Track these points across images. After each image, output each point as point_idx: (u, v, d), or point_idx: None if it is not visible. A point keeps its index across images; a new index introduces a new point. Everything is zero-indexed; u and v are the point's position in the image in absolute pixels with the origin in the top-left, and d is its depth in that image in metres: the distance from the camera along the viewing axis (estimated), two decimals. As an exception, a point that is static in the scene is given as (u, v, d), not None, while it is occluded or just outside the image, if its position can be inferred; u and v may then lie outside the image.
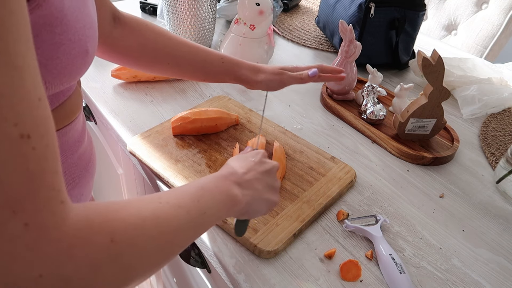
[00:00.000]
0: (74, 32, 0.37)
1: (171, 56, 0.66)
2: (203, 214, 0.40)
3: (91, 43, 0.41)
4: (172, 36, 0.66)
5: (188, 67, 0.67)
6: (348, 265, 0.56)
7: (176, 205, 0.37)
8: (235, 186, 0.46)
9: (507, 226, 0.67)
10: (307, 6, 1.47)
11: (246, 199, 0.46)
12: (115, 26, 0.64)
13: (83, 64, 0.41)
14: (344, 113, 0.88)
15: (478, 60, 1.06)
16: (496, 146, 0.84)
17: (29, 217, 0.24)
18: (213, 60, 0.66)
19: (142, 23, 0.66)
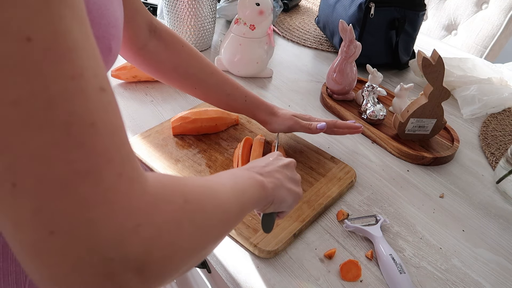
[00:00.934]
0: (98, 29, 0.37)
1: (199, 83, 0.69)
2: (243, 193, 0.40)
3: (115, 42, 0.41)
4: (204, 64, 0.69)
5: (213, 96, 0.71)
6: (348, 265, 0.56)
7: (219, 182, 0.38)
8: (258, 175, 0.46)
9: (507, 226, 0.67)
10: (307, 6, 1.47)
11: (271, 186, 0.47)
12: (151, 38, 0.65)
13: (106, 62, 0.40)
14: (344, 113, 0.88)
15: (478, 60, 1.06)
16: (496, 146, 0.84)
17: (121, 167, 0.24)
18: (237, 97, 0.70)
19: (178, 42, 0.67)
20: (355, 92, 0.94)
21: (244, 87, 0.71)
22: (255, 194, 0.43)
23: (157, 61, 0.66)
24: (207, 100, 0.72)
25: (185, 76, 0.68)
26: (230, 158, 0.72)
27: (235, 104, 0.71)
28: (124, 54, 0.66)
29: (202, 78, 0.68)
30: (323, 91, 0.94)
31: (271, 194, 0.47)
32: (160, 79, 0.70)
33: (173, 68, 0.67)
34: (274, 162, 0.52)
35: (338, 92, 0.91)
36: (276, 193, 0.48)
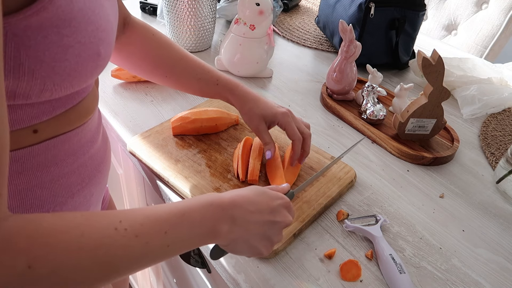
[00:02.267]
0: (85, 35, 0.37)
1: (169, 69, 0.67)
2: (166, 247, 0.38)
3: (105, 46, 0.40)
4: (174, 50, 0.67)
5: (184, 82, 0.69)
6: (348, 265, 0.56)
7: (134, 234, 0.36)
8: (226, 222, 0.43)
9: (507, 226, 0.67)
10: (307, 6, 1.47)
11: (232, 236, 0.44)
12: (124, 31, 0.65)
13: (95, 67, 0.40)
14: (344, 113, 0.88)
15: (478, 60, 1.06)
16: (496, 146, 0.84)
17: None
18: (208, 80, 0.68)
19: (148, 32, 0.67)
20: (355, 92, 0.94)
21: (218, 71, 0.68)
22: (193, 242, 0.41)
23: (127, 52, 0.66)
24: (180, 88, 0.70)
25: (154, 65, 0.67)
26: (230, 158, 0.72)
27: (207, 89, 0.68)
28: None
29: (171, 65, 0.67)
30: (323, 91, 0.94)
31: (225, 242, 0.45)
32: (132, 70, 0.70)
33: (143, 58, 0.67)
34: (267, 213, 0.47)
35: (338, 92, 0.91)
36: (234, 243, 0.45)
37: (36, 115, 0.40)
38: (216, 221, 0.43)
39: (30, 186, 0.43)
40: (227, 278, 0.58)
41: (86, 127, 0.48)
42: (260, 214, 0.46)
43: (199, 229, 0.41)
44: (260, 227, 0.46)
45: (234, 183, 0.67)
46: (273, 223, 0.47)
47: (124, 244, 0.35)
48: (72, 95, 0.43)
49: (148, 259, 0.38)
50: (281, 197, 0.50)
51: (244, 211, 0.45)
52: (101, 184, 0.55)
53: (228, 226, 0.43)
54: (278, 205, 0.49)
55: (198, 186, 0.65)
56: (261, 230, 0.46)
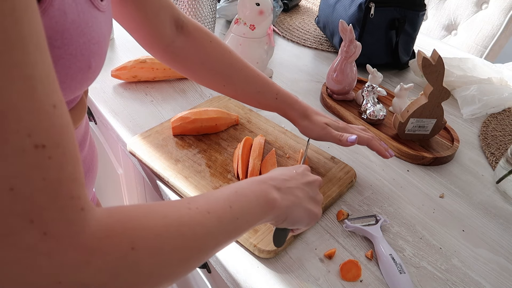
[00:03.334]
0: (76, 47, 0.36)
1: (228, 80, 0.66)
2: (236, 219, 0.39)
3: (96, 59, 0.40)
4: (233, 59, 0.66)
5: (242, 93, 0.67)
6: (348, 265, 0.56)
7: (205, 210, 0.37)
8: (273, 190, 0.45)
9: (507, 226, 0.67)
10: (307, 6, 1.47)
11: (286, 203, 0.45)
12: (178, 34, 0.63)
13: (85, 79, 0.40)
14: (344, 113, 0.88)
15: (478, 60, 1.06)
16: (496, 146, 0.84)
17: (47, 226, 0.24)
18: (267, 94, 0.67)
19: (206, 37, 0.65)
20: (355, 92, 0.94)
21: (276, 84, 0.67)
22: (257, 215, 0.42)
23: (184, 57, 0.64)
24: (237, 98, 0.68)
25: (213, 73, 0.65)
26: (230, 158, 0.72)
27: (265, 102, 0.67)
28: (152, 51, 0.65)
29: (231, 75, 0.65)
30: (323, 91, 0.94)
31: (283, 212, 0.45)
32: (189, 76, 0.68)
33: (200, 65, 0.65)
34: (299, 177, 0.50)
35: (338, 92, 0.91)
36: (291, 211, 0.46)
37: None
38: (265, 191, 0.44)
39: None
40: (227, 278, 0.58)
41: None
42: (294, 179, 0.49)
43: (256, 201, 0.42)
44: (302, 189, 0.49)
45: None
46: (308, 183, 0.51)
47: (201, 220, 0.36)
48: None
49: (225, 234, 0.38)
50: (299, 166, 0.53)
51: (281, 180, 0.47)
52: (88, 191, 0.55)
53: (276, 193, 0.45)
54: (302, 169, 0.52)
55: (198, 186, 0.65)
56: (305, 191, 0.49)
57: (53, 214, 0.25)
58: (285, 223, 0.48)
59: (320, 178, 0.53)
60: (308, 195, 0.50)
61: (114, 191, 1.13)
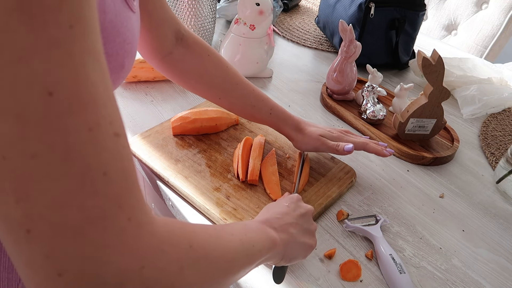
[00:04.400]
0: (113, 46, 0.37)
1: (223, 93, 0.67)
2: (252, 246, 0.40)
3: (129, 58, 0.40)
4: (230, 74, 0.67)
5: (237, 107, 0.69)
6: (348, 265, 0.56)
7: (229, 232, 0.38)
8: (271, 230, 0.46)
9: (507, 226, 0.67)
10: (307, 6, 1.47)
11: (283, 241, 0.47)
12: (177, 46, 0.64)
13: (118, 78, 0.40)
14: (344, 113, 0.88)
15: (478, 60, 1.06)
16: (496, 146, 0.84)
17: (131, 212, 0.26)
18: (262, 109, 0.68)
19: (204, 51, 0.66)
20: (355, 92, 0.94)
21: (270, 99, 0.69)
22: (265, 248, 0.43)
23: (181, 69, 0.66)
24: (232, 110, 0.70)
25: (209, 86, 0.67)
26: (230, 158, 0.72)
27: (259, 116, 0.69)
28: (149, 60, 0.66)
29: (227, 89, 0.67)
30: (323, 91, 0.94)
31: (281, 250, 0.46)
32: (185, 87, 0.69)
33: (197, 78, 0.66)
34: (291, 211, 0.51)
35: (338, 92, 0.91)
36: (287, 249, 0.47)
37: None
38: (266, 231, 0.45)
39: None
40: (227, 278, 0.58)
41: None
42: (287, 215, 0.50)
43: (262, 235, 0.44)
44: (295, 224, 0.50)
45: (234, 183, 0.67)
46: (301, 216, 0.51)
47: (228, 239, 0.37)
48: None
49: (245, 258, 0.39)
50: (290, 197, 0.54)
51: (276, 219, 0.48)
52: None
53: (274, 233, 0.46)
54: (294, 202, 0.53)
55: (198, 186, 0.65)
56: (298, 226, 0.50)
57: (134, 202, 0.26)
58: (282, 261, 0.49)
59: (311, 208, 0.54)
60: (302, 228, 0.50)
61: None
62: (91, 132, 0.23)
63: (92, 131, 0.23)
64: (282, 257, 0.47)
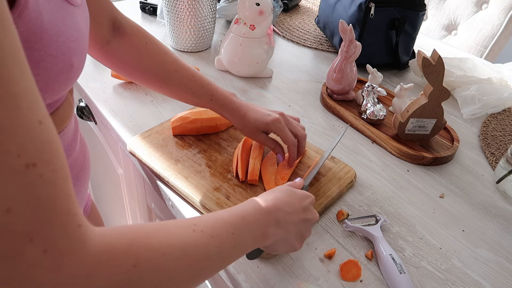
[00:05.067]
0: (56, 47, 0.35)
1: (163, 81, 0.66)
2: (234, 247, 0.40)
3: (77, 57, 0.39)
4: (168, 61, 0.65)
5: (178, 94, 0.68)
6: (348, 265, 0.56)
7: (209, 234, 0.37)
8: (273, 225, 0.46)
9: (507, 226, 0.67)
10: (307, 6, 1.47)
11: (275, 238, 0.47)
12: (114, 35, 0.63)
13: (68, 79, 0.39)
14: (344, 113, 0.88)
15: (478, 60, 1.06)
16: (496, 146, 0.84)
17: (47, 244, 0.24)
18: (202, 96, 0.66)
19: (142, 39, 0.65)
20: (355, 92, 0.94)
21: (213, 84, 0.67)
22: (250, 245, 0.43)
23: (119, 58, 0.64)
24: (175, 98, 0.69)
25: (147, 74, 0.66)
26: (230, 158, 0.72)
27: (201, 103, 0.67)
28: (88, 51, 0.64)
29: (165, 77, 0.65)
30: (323, 91, 0.94)
31: (269, 243, 0.47)
32: (126, 76, 0.68)
33: (135, 66, 0.65)
34: (300, 211, 0.50)
35: (338, 92, 0.91)
36: (275, 243, 0.48)
37: None
38: (266, 225, 0.45)
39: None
40: (227, 278, 0.58)
41: (62, 136, 0.46)
42: (296, 214, 0.50)
43: (255, 231, 0.44)
44: (296, 226, 0.50)
45: (234, 183, 0.67)
46: (305, 221, 0.51)
47: (204, 243, 0.36)
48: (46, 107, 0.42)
49: (222, 260, 0.39)
50: (308, 195, 0.53)
51: (284, 213, 0.48)
52: (81, 193, 0.54)
53: (273, 228, 0.46)
54: (308, 203, 0.52)
55: (198, 186, 0.65)
56: (297, 229, 0.50)
57: (52, 231, 0.25)
58: (264, 248, 0.49)
59: (317, 217, 0.54)
60: (299, 231, 0.50)
61: (114, 191, 1.13)
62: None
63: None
64: (266, 247, 0.48)
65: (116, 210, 1.19)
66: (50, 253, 0.25)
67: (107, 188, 1.23)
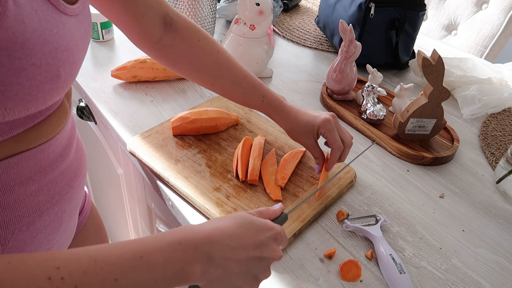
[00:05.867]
0: (40, 57, 0.34)
1: (215, 78, 0.65)
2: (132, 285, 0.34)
3: (66, 67, 0.37)
4: (222, 59, 0.65)
5: (229, 93, 0.67)
6: (348, 265, 0.56)
7: (72, 284, 0.32)
8: (200, 261, 0.38)
9: (507, 226, 0.67)
10: (307, 6, 1.47)
11: (209, 277, 0.39)
12: (166, 32, 0.62)
13: (55, 89, 0.37)
14: (344, 113, 0.88)
15: (478, 60, 1.06)
16: (496, 146, 0.84)
17: None
18: (254, 96, 0.66)
19: (195, 36, 0.64)
20: (355, 92, 0.94)
21: (264, 86, 0.66)
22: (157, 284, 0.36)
23: (172, 55, 0.64)
24: (225, 96, 0.68)
25: (201, 72, 0.65)
26: (230, 158, 0.72)
27: (252, 103, 0.66)
28: (140, 48, 0.64)
29: (218, 74, 0.65)
30: (323, 91, 0.94)
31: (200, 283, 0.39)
32: (177, 73, 0.68)
33: (188, 64, 0.64)
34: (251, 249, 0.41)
35: (338, 92, 0.91)
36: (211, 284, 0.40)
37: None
38: (186, 262, 0.38)
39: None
40: (227, 278, 0.58)
41: (54, 142, 0.45)
42: (244, 250, 0.41)
43: (163, 272, 0.36)
44: (244, 265, 0.41)
45: (234, 183, 0.67)
46: (259, 259, 0.42)
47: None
48: (34, 115, 0.40)
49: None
50: (270, 227, 0.44)
51: (223, 247, 0.40)
52: (75, 200, 0.52)
53: (202, 266, 0.38)
54: (267, 238, 0.43)
55: (198, 186, 0.65)
56: (244, 268, 0.41)
57: None
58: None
59: (280, 256, 0.44)
60: (248, 272, 0.41)
61: (114, 191, 1.13)
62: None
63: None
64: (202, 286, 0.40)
65: (116, 210, 1.19)
66: None
67: (107, 188, 1.23)
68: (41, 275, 0.31)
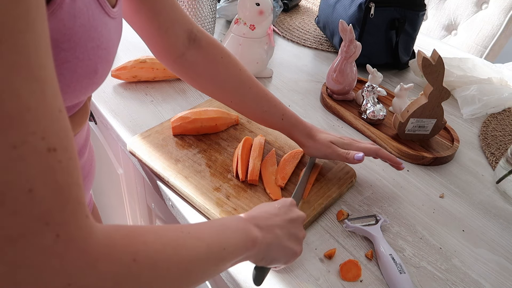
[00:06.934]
0: (84, 51, 0.36)
1: (235, 97, 0.67)
2: (223, 249, 0.39)
3: (103, 64, 0.40)
4: (243, 77, 0.66)
5: (249, 111, 0.68)
6: (348, 265, 0.57)
7: (196, 237, 0.37)
8: (255, 228, 0.45)
9: (507, 226, 0.67)
10: (307, 6, 1.47)
11: (266, 241, 0.45)
12: (189, 47, 0.63)
13: (91, 84, 0.40)
14: (344, 113, 0.88)
15: (478, 60, 1.06)
16: (496, 146, 0.84)
17: (60, 229, 0.25)
18: (274, 114, 0.67)
19: (218, 53, 0.65)
20: (355, 92, 0.94)
21: (283, 104, 0.68)
22: (241, 250, 0.42)
23: (194, 71, 0.65)
24: (243, 113, 0.69)
25: (222, 89, 0.66)
26: (230, 158, 0.72)
27: (271, 121, 0.68)
28: (162, 61, 0.65)
29: (239, 93, 0.66)
30: (323, 91, 0.94)
31: (262, 251, 0.45)
32: (198, 88, 0.69)
33: (209, 80, 0.66)
34: (282, 214, 0.49)
35: (338, 92, 0.91)
36: (269, 250, 0.46)
37: None
38: (247, 229, 0.44)
39: None
40: (227, 278, 0.58)
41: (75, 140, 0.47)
42: (276, 216, 0.49)
43: (240, 235, 0.43)
44: (284, 228, 0.48)
45: (234, 183, 0.67)
46: (291, 221, 0.50)
47: (192, 244, 0.36)
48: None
49: (212, 262, 0.39)
50: (283, 200, 0.52)
51: (262, 218, 0.47)
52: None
53: (258, 232, 0.45)
54: (284, 206, 0.51)
55: (198, 186, 0.65)
56: (285, 230, 0.48)
57: (65, 217, 0.25)
58: (263, 262, 0.47)
59: (303, 215, 0.52)
60: (289, 232, 0.49)
61: (114, 191, 1.13)
62: (14, 149, 0.23)
63: (16, 149, 0.23)
64: (262, 257, 0.46)
65: (116, 210, 1.19)
66: (61, 238, 0.25)
67: (107, 188, 1.23)
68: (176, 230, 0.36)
